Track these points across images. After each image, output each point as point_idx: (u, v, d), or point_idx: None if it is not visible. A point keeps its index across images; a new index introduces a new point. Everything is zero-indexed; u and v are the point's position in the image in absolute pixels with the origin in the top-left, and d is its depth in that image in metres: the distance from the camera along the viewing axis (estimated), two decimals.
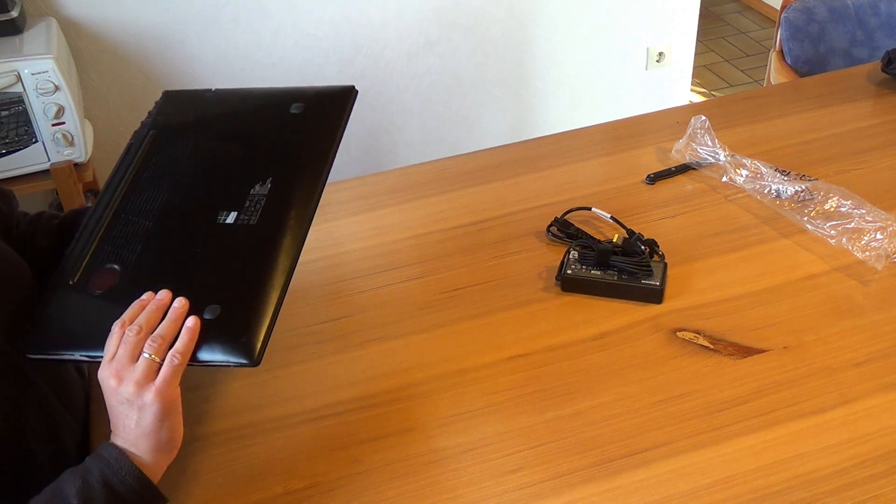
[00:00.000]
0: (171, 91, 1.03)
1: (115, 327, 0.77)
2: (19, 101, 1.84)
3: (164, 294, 0.80)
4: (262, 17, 2.29)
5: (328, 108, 0.97)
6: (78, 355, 0.81)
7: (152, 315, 0.78)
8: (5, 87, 1.81)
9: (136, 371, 0.75)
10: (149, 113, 1.00)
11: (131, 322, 0.77)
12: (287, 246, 0.86)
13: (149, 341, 0.76)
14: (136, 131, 0.98)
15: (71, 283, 0.86)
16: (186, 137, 0.97)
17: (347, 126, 0.97)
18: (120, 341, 0.76)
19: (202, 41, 2.27)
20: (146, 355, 0.75)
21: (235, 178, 0.91)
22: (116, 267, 0.85)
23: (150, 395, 0.75)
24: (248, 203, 0.88)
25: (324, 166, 0.92)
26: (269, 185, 0.90)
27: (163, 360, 0.76)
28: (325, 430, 0.94)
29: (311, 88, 0.99)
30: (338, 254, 1.21)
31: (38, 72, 1.81)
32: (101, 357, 0.78)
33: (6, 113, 1.86)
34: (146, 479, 0.76)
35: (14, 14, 1.92)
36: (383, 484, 0.88)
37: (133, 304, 0.79)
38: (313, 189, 0.90)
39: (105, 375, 0.76)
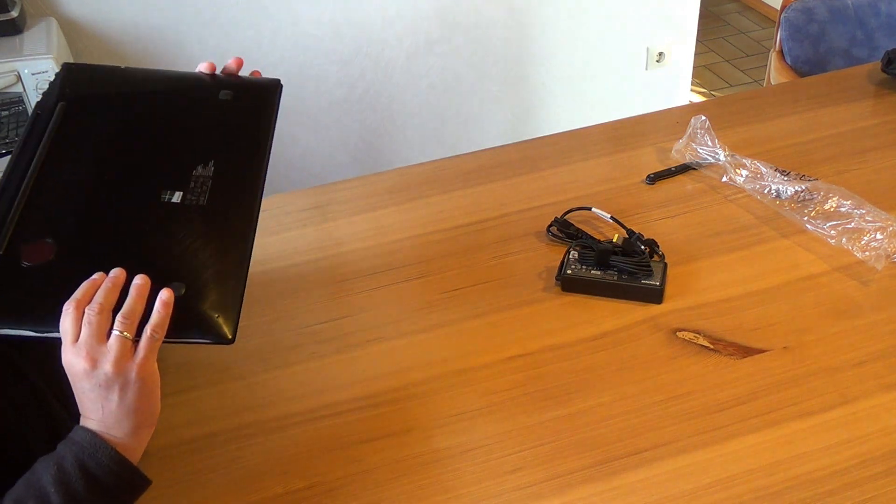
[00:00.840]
0: (73, 63, 0.99)
1: (69, 307, 0.74)
2: (19, 101, 1.84)
3: (118, 272, 0.77)
4: (262, 17, 2.29)
5: (258, 99, 0.99)
6: (26, 331, 0.77)
7: (110, 293, 0.75)
8: (5, 87, 1.82)
9: (112, 351, 0.72)
10: (49, 84, 0.96)
11: (87, 302, 0.74)
12: (244, 226, 0.87)
13: (120, 318, 0.73)
14: (38, 102, 0.94)
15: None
16: (105, 112, 0.94)
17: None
18: (79, 323, 0.73)
19: (202, 41, 2.27)
20: (118, 333, 0.73)
21: (173, 158, 0.90)
22: (50, 241, 0.81)
23: (132, 373, 0.73)
24: (192, 184, 0.87)
25: (264, 152, 0.93)
26: (212, 167, 0.89)
27: (135, 338, 0.74)
28: (325, 430, 0.94)
29: (235, 77, 1.00)
30: (338, 254, 1.21)
31: (38, 72, 1.81)
32: (52, 334, 0.75)
33: (6, 113, 1.86)
34: (125, 460, 0.74)
35: (14, 14, 1.92)
36: (383, 484, 0.88)
37: (84, 284, 0.76)
38: (258, 173, 0.91)
39: (74, 360, 0.73)
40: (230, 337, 0.79)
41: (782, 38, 2.02)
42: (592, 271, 1.09)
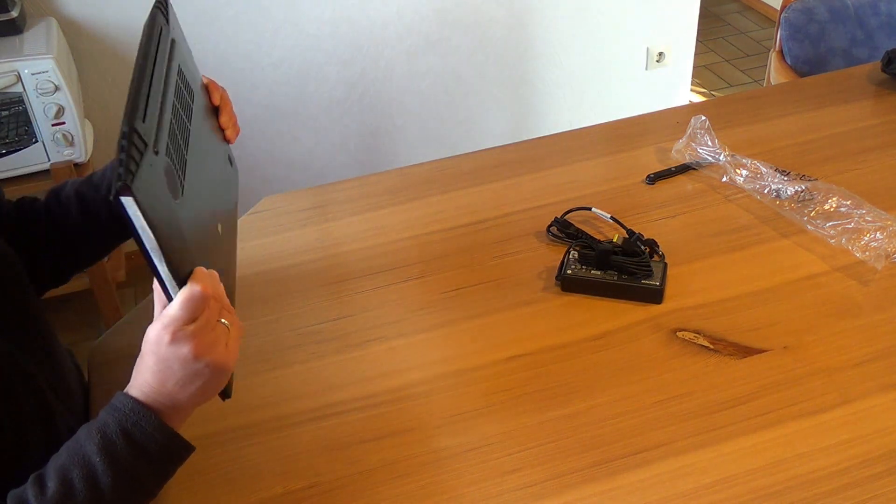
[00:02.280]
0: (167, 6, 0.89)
1: (200, 289, 0.69)
2: (19, 101, 1.84)
3: (214, 272, 0.75)
4: (262, 17, 2.29)
5: (234, 184, 1.01)
6: (160, 260, 0.66)
7: (219, 287, 0.74)
8: (5, 87, 1.82)
9: (219, 342, 0.71)
10: (157, 3, 0.86)
11: (203, 288, 0.70)
12: (232, 292, 0.85)
13: (226, 310, 0.73)
14: (155, 15, 0.83)
15: (156, 152, 0.69)
16: (190, 79, 0.90)
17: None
18: (201, 308, 0.70)
19: (202, 41, 2.27)
20: (222, 322, 0.72)
21: (218, 181, 0.91)
22: (178, 182, 0.74)
23: (230, 364, 0.73)
24: (220, 226, 0.87)
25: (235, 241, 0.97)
26: (222, 226, 0.88)
27: None
28: (325, 430, 0.94)
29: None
30: (338, 254, 1.21)
31: (38, 72, 1.81)
32: (175, 287, 0.69)
33: (6, 113, 1.86)
34: (168, 427, 0.74)
35: (14, 14, 1.92)
36: (383, 484, 0.88)
37: (203, 271, 0.72)
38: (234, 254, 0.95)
39: (181, 343, 0.69)
40: (229, 395, 0.78)
41: (782, 38, 2.02)
42: (592, 271, 1.09)
